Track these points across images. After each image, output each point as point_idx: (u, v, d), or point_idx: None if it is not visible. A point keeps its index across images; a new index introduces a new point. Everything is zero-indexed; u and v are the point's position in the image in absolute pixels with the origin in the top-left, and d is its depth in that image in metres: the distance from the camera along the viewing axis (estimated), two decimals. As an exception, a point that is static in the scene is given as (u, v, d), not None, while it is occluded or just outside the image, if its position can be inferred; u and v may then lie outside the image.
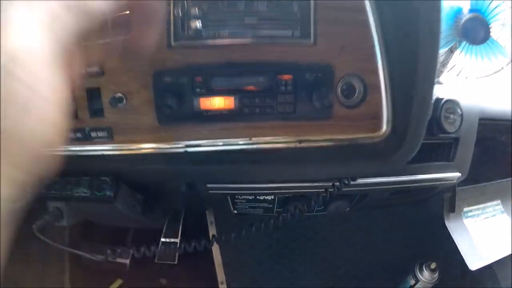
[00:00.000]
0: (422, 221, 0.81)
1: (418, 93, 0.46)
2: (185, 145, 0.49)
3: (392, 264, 0.80)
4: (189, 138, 0.49)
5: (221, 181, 0.54)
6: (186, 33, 0.48)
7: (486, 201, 0.74)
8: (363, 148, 0.52)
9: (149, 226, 0.63)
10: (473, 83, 0.75)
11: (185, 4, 0.48)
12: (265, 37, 0.48)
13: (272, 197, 0.63)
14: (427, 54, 0.45)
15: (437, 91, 0.68)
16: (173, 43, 0.48)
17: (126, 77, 0.50)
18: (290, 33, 0.49)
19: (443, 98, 0.67)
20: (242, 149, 0.49)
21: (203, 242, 0.53)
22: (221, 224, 0.75)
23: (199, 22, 0.47)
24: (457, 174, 0.69)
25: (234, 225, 0.85)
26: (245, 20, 0.48)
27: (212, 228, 0.77)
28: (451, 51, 0.69)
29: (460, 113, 0.66)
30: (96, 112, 0.53)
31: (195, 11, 0.47)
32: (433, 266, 0.78)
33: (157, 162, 0.49)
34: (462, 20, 0.64)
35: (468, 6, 0.65)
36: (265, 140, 0.49)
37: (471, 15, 0.63)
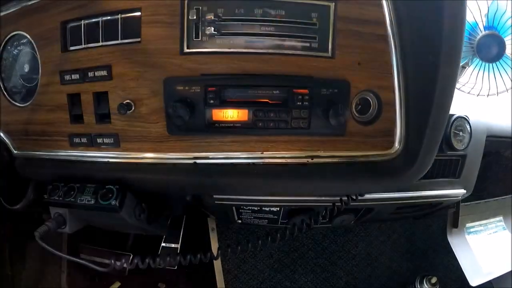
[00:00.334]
0: (423, 235, 0.80)
1: (434, 112, 0.45)
2: (195, 157, 0.47)
3: (393, 277, 0.80)
4: (199, 150, 0.47)
5: (229, 194, 0.52)
6: (200, 40, 0.46)
7: (489, 217, 0.74)
8: (375, 166, 0.50)
9: (151, 233, 0.62)
10: (482, 100, 0.74)
11: (200, 9, 0.46)
12: (282, 47, 0.46)
13: (278, 209, 0.61)
14: (447, 73, 0.43)
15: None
16: (186, 49, 0.46)
17: (135, 83, 0.48)
18: (308, 44, 0.47)
19: (454, 115, 0.66)
20: (253, 163, 0.47)
21: (209, 254, 0.51)
22: (223, 232, 0.74)
23: (214, 29, 0.45)
24: (463, 191, 0.68)
25: (236, 233, 0.84)
26: (262, 29, 0.46)
27: (214, 235, 0.75)
28: (464, 68, 0.68)
29: (469, 131, 0.66)
30: (103, 118, 0.51)
31: (211, 17, 0.45)
32: (434, 280, 0.77)
33: (165, 173, 0.47)
34: (478, 37, 0.62)
35: (484, 23, 0.64)
36: (277, 155, 0.47)
37: (487, 33, 0.61)
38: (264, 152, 0.47)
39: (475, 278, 0.68)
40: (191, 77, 0.44)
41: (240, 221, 0.63)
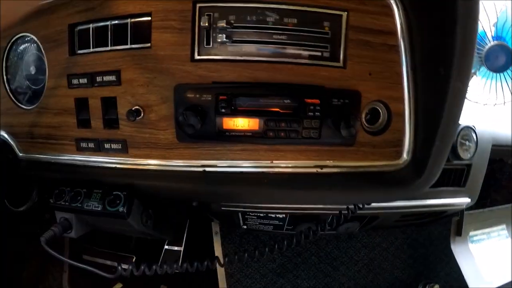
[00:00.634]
0: (425, 241, 0.80)
1: (444, 125, 0.44)
2: (204, 165, 0.46)
3: (395, 283, 0.79)
4: (208, 157, 0.46)
5: (237, 202, 0.51)
6: (211, 47, 0.45)
7: (492, 226, 0.74)
8: (383, 176, 0.50)
9: (156, 238, 0.61)
10: (488, 109, 0.74)
11: (212, 15, 0.45)
12: (294, 56, 0.45)
13: (284, 215, 0.61)
14: (458, 86, 0.43)
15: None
16: (197, 56, 0.45)
17: (145, 89, 0.47)
18: (320, 54, 0.46)
19: (460, 125, 0.65)
20: (262, 172, 0.46)
21: (215, 261, 0.50)
22: (226, 236, 0.73)
23: (226, 36, 0.44)
24: (467, 200, 0.68)
25: (239, 237, 0.83)
26: (274, 37, 0.45)
27: (217, 238, 0.75)
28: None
29: (475, 140, 0.65)
30: (111, 123, 0.50)
31: (223, 24, 0.44)
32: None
33: (174, 180, 0.46)
34: (486, 47, 0.62)
35: (492, 33, 0.63)
36: (287, 164, 0.47)
37: (495, 43, 0.61)
38: (274, 161, 0.46)
39: (477, 286, 0.67)
40: (202, 85, 0.44)
41: (246, 227, 0.62)
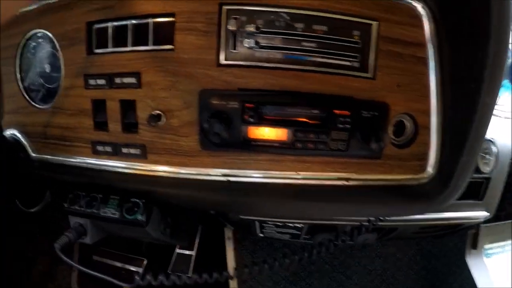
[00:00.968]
0: (439, 253, 0.78)
1: (471, 139, 0.42)
2: (227, 174, 0.44)
3: (407, 294, 0.78)
4: (232, 166, 0.43)
5: (260, 213, 0.49)
6: (238, 52, 0.42)
7: (507, 239, 0.72)
8: (407, 190, 0.48)
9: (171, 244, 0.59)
10: (508, 122, 0.71)
11: (240, 19, 0.42)
12: (323, 65, 0.42)
13: (302, 225, 0.58)
14: (487, 102, 0.40)
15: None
16: (223, 61, 0.42)
17: (166, 93, 0.44)
18: (349, 63, 0.44)
19: (483, 137, 0.63)
20: (288, 183, 0.44)
21: (235, 271, 0.48)
22: (239, 241, 0.71)
23: (254, 41, 0.41)
24: (485, 214, 0.66)
25: (252, 243, 0.81)
26: (303, 44, 0.42)
27: (230, 244, 0.72)
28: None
29: (496, 154, 0.63)
30: (129, 127, 0.47)
31: (251, 28, 0.41)
32: (447, 299, 0.75)
33: (195, 189, 0.44)
34: (509, 61, 0.59)
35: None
36: (313, 176, 0.44)
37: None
38: (300, 173, 0.44)
39: (491, 300, 0.66)
40: (229, 91, 0.41)
41: (262, 235, 0.60)
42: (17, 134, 0.57)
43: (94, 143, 0.49)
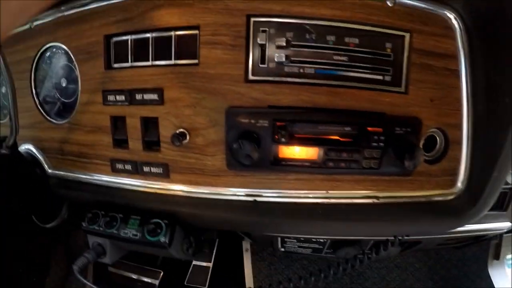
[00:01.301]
0: (458, 262, 0.75)
1: (504, 155, 0.39)
2: (254, 194, 0.41)
3: (426, 304, 0.75)
4: (259, 186, 0.40)
5: (287, 232, 0.46)
6: (267, 67, 0.39)
7: (528, 249, 0.69)
8: (436, 206, 0.45)
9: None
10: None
11: (269, 31, 0.39)
12: (355, 80, 0.39)
13: (325, 240, 0.55)
14: None
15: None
16: (251, 77, 0.39)
17: (191, 111, 0.41)
18: (381, 77, 0.40)
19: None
20: (317, 203, 0.41)
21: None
22: (257, 252, 0.68)
23: (284, 55, 0.38)
24: (509, 224, 0.63)
25: (270, 255, 0.78)
26: (335, 58, 0.39)
27: (247, 255, 0.69)
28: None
29: (522, 162, 0.60)
30: (151, 145, 0.44)
31: (281, 42, 0.38)
32: (467, 309, 0.72)
33: (221, 209, 0.41)
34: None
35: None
36: (343, 194, 0.41)
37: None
38: (329, 192, 0.41)
39: (513, 311, 0.63)
40: (258, 109, 0.38)
41: (283, 249, 0.57)
42: (33, 149, 0.54)
43: (113, 161, 0.46)
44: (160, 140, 0.42)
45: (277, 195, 0.40)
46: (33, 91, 0.53)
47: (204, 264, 0.69)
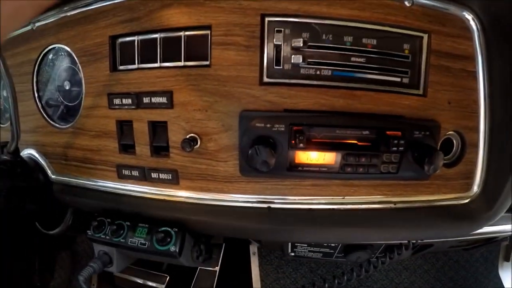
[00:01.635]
0: (466, 264, 0.73)
1: None
2: (268, 200, 0.38)
3: (434, 306, 0.73)
4: (274, 193, 0.38)
5: (302, 239, 0.43)
6: (283, 68, 0.37)
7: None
8: (452, 210, 0.43)
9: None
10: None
11: (284, 32, 0.36)
12: (373, 82, 0.37)
13: (336, 244, 0.53)
14: None
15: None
16: (266, 79, 0.37)
17: (202, 115, 0.38)
18: (399, 80, 0.38)
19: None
20: (333, 209, 0.38)
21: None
22: (264, 256, 0.65)
23: (301, 57, 0.35)
24: (519, 225, 0.61)
25: (277, 258, 0.75)
26: (352, 59, 0.37)
27: (254, 259, 0.67)
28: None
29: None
30: (159, 150, 0.41)
31: (298, 43, 0.35)
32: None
33: (233, 217, 0.38)
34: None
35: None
36: (359, 200, 0.39)
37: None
38: (345, 197, 0.38)
39: (522, 312, 0.61)
40: (274, 112, 0.35)
41: (293, 254, 0.55)
42: (36, 155, 0.51)
43: (120, 167, 0.43)
44: (169, 145, 0.39)
45: (292, 202, 0.38)
46: (36, 95, 0.50)
47: (211, 268, 0.66)
